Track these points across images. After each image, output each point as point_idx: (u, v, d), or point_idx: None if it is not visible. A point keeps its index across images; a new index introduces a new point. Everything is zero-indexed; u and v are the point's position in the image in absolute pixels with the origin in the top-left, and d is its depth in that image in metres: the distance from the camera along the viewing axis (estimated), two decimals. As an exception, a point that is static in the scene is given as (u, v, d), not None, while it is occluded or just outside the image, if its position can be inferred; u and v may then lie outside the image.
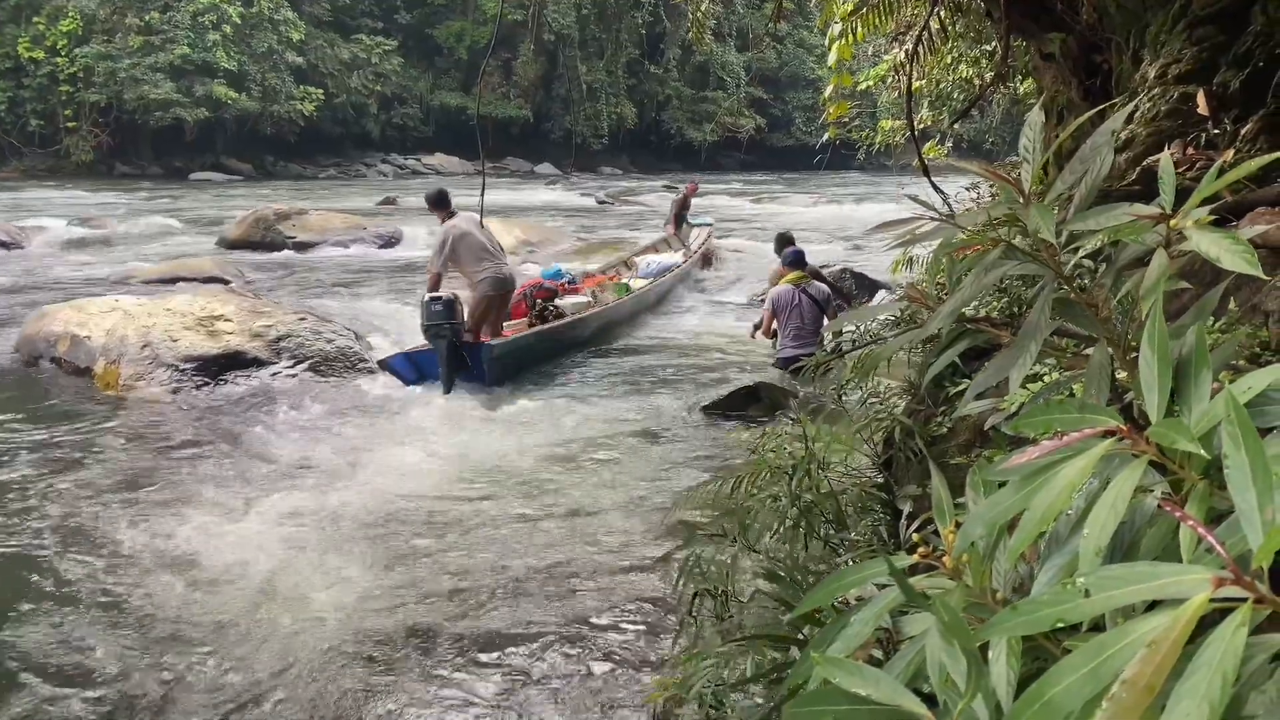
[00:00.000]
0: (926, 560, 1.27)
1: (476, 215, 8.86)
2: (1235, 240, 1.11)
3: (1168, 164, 1.28)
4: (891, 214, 1.66)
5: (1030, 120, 1.56)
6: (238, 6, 41.16)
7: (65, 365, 8.34)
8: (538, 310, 9.76)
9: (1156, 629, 0.73)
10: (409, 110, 49.79)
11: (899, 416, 2.89)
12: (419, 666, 3.82)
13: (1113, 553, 1.08)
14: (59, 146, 40.50)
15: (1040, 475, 1.02)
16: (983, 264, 1.52)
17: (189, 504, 5.49)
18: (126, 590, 4.45)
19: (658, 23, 52.21)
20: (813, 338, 8.17)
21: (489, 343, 8.02)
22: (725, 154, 55.65)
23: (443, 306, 7.79)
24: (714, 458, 6.21)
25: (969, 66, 9.58)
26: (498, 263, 8.51)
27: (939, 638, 1.02)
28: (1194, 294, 1.69)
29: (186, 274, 13.17)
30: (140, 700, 3.60)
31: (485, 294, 8.37)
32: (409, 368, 8.17)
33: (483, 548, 4.95)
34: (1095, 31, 5.12)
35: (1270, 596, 0.72)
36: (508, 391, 8.03)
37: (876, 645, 1.64)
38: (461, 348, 7.95)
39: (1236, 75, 3.76)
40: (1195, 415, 0.99)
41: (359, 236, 18.01)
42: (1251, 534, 0.76)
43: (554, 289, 10.49)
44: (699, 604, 2.64)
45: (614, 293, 10.95)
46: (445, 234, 8.31)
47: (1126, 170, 3.90)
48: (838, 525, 2.74)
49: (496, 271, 8.46)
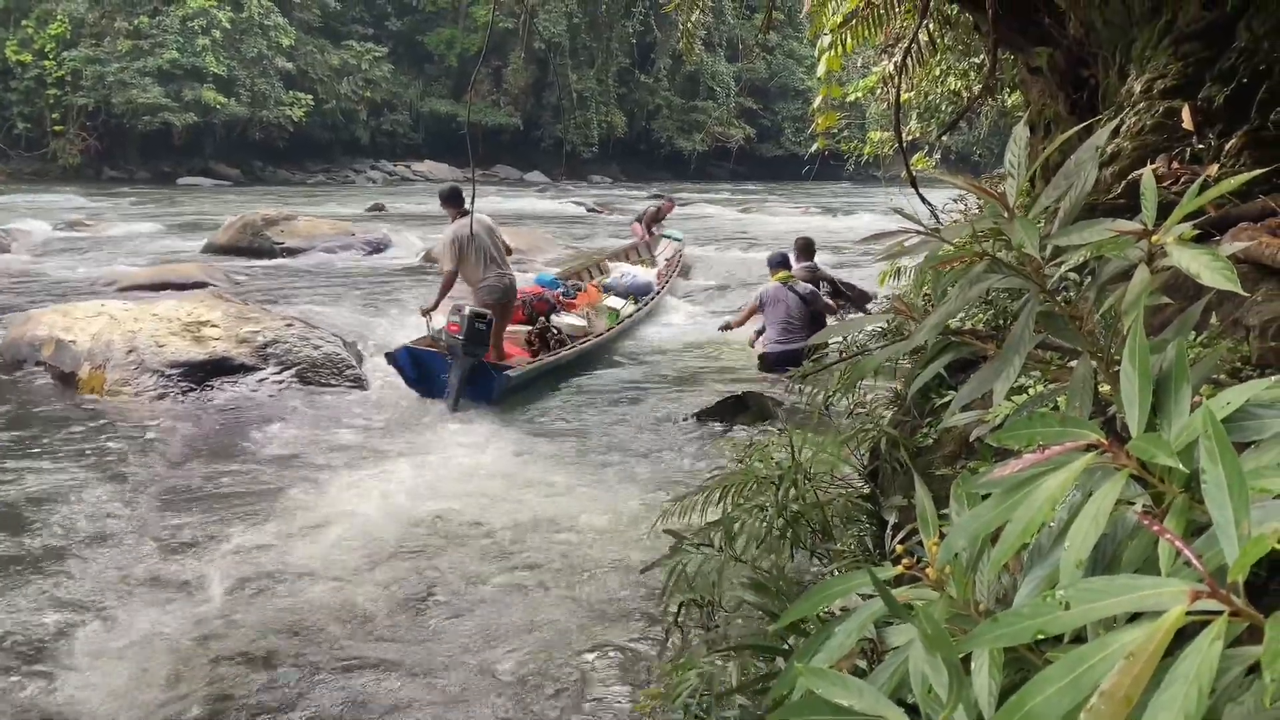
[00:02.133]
0: (910, 571, 1.28)
1: (488, 219, 8.58)
2: (1215, 257, 1.13)
3: (1149, 181, 1.30)
4: (880, 226, 1.67)
5: (1015, 135, 1.58)
6: (228, 11, 41.06)
7: (50, 370, 8.30)
8: (538, 329, 9.57)
9: (1134, 641, 0.74)
10: (399, 117, 49.73)
11: (885, 427, 2.90)
12: (399, 673, 3.80)
13: (1095, 565, 1.09)
14: (46, 150, 40.27)
15: (1022, 488, 1.03)
16: (968, 277, 1.54)
17: (166, 511, 5.46)
18: (96, 598, 4.42)
19: (648, 32, 52.31)
20: (800, 334, 8.35)
21: (506, 373, 7.64)
22: (715, 163, 55.75)
23: (486, 326, 7.35)
24: (702, 466, 6.22)
25: (957, 79, 9.63)
26: (500, 270, 8.33)
27: (921, 649, 1.03)
28: (1177, 308, 1.71)
29: (174, 279, 13.11)
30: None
31: (484, 301, 8.11)
32: (411, 364, 7.76)
33: (466, 555, 4.94)
34: (1082, 46, 5.15)
35: (1246, 609, 0.73)
36: (495, 400, 8.01)
37: (861, 656, 1.64)
38: (478, 367, 7.54)
39: (1221, 91, 3.79)
40: (1175, 430, 1.00)
41: (347, 243, 17.95)
42: (1227, 548, 0.77)
43: (551, 301, 10.47)
44: (685, 614, 2.64)
45: (606, 319, 10.80)
46: (456, 232, 8.03)
47: (1113, 184, 3.93)
48: (824, 535, 2.74)
49: (499, 280, 8.28)
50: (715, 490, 2.96)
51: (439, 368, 7.60)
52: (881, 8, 7.06)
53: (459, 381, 7.37)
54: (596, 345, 9.69)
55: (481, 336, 7.29)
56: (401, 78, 49.79)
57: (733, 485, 2.87)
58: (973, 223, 1.48)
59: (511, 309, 8.80)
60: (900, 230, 1.66)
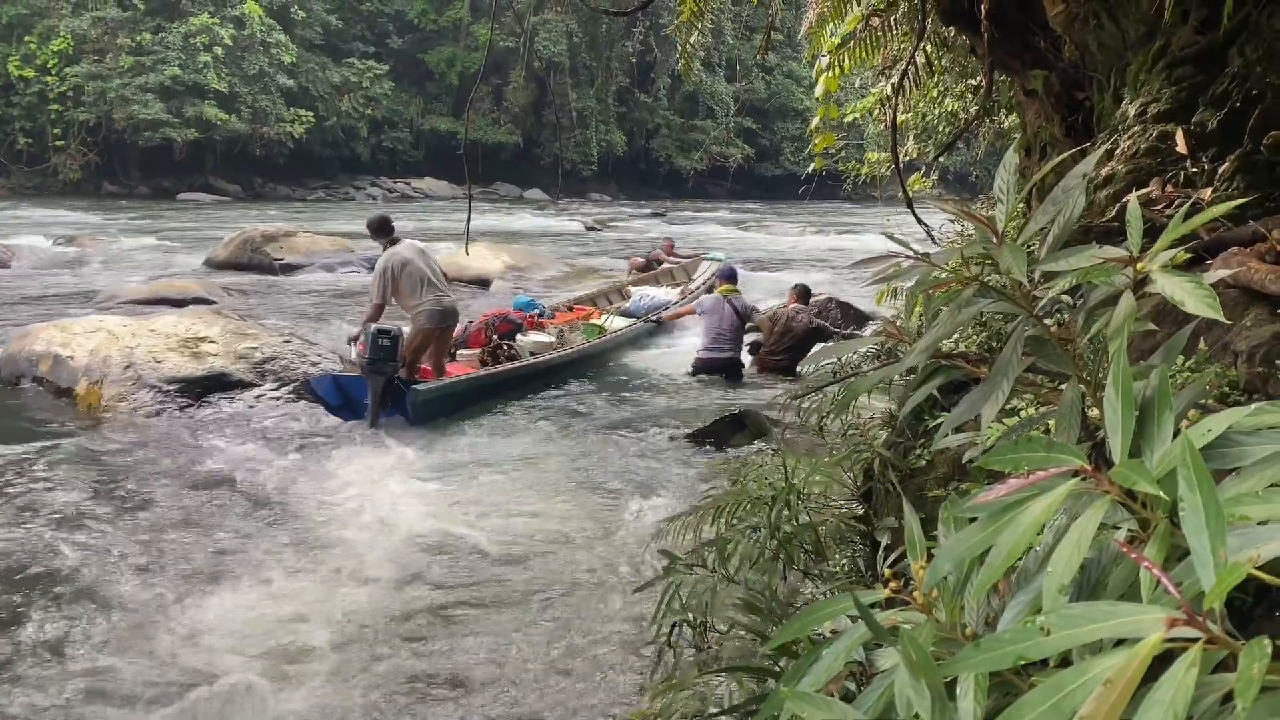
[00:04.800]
0: (898, 595, 1.28)
1: (419, 243, 8.51)
2: (1198, 284, 1.14)
3: (1135, 209, 1.31)
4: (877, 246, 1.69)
5: (1005, 161, 1.60)
6: (230, 29, 41.30)
7: (47, 385, 8.30)
8: (490, 348, 9.39)
9: (1112, 667, 0.75)
10: (399, 134, 49.93)
11: (878, 449, 2.91)
12: (392, 697, 3.80)
13: (1080, 588, 1.10)
14: (47, 165, 40.42)
15: (1007, 513, 1.04)
16: (957, 301, 1.55)
17: (157, 530, 5.45)
18: (84, 615, 4.41)
19: (648, 52, 52.57)
20: (728, 344, 9.10)
21: (415, 387, 7.62)
22: (714, 182, 55.94)
23: (390, 342, 7.45)
24: (697, 486, 6.21)
25: (955, 100, 9.68)
26: (438, 294, 8.10)
27: (906, 674, 1.03)
28: (1166, 334, 1.72)
29: (172, 295, 13.14)
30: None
31: (422, 327, 8.02)
32: (334, 393, 7.73)
33: (460, 576, 4.93)
34: (1077, 69, 5.19)
35: (1222, 637, 0.74)
36: (491, 417, 8.01)
37: (851, 678, 1.65)
38: (395, 384, 7.55)
39: (1214, 115, 3.81)
40: (1157, 456, 1.01)
41: (346, 259, 17.98)
42: (1204, 575, 0.77)
43: (517, 321, 10.17)
44: (678, 634, 2.64)
45: (584, 334, 10.55)
46: (385, 263, 7.96)
47: (1107, 206, 3.95)
48: (817, 556, 2.75)
49: (437, 304, 8.06)
50: (709, 511, 2.97)
51: (361, 392, 7.63)
52: (879, 30, 7.11)
53: (374, 399, 7.52)
54: (549, 360, 9.38)
55: (387, 352, 7.43)
56: (402, 95, 50.02)
57: (726, 506, 2.88)
58: (962, 249, 1.49)
59: (451, 332, 8.62)
60: (891, 254, 1.67)
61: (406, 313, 8.13)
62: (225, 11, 41.67)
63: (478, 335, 9.89)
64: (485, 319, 10.21)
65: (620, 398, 8.90)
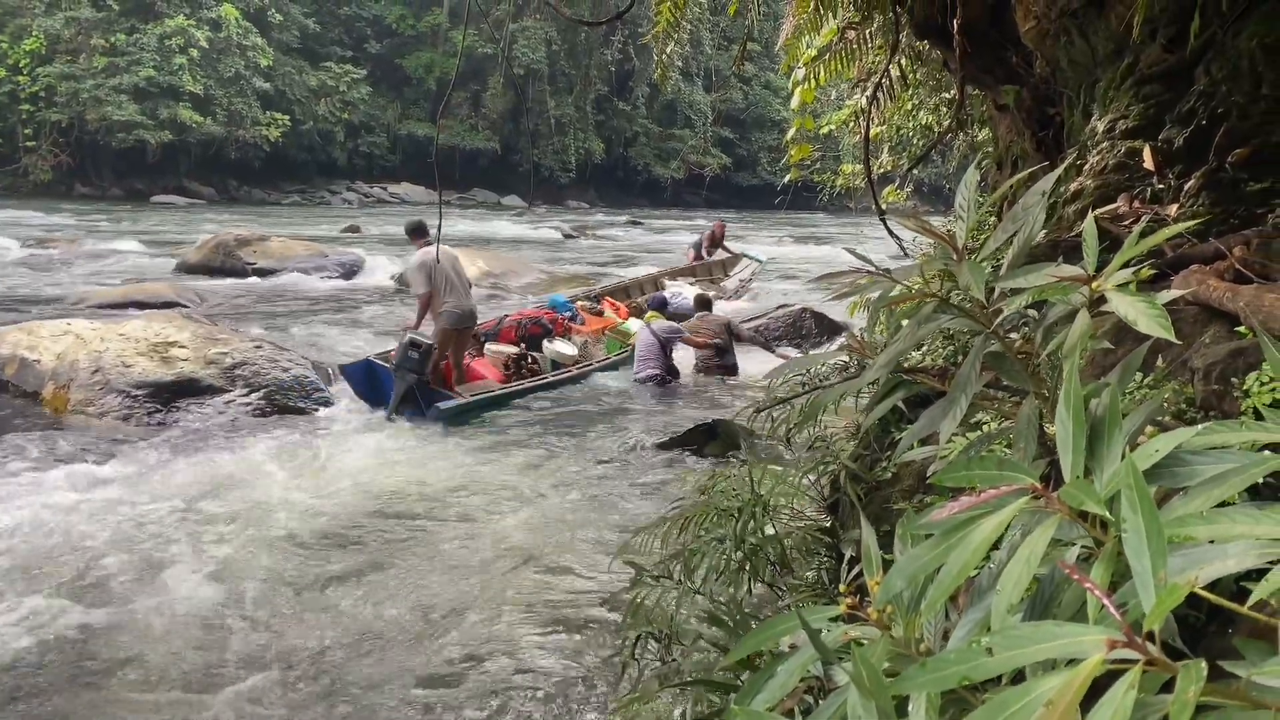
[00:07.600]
0: (854, 611, 1.28)
1: (451, 249, 9.06)
2: (1151, 304, 1.15)
3: (1091, 228, 1.32)
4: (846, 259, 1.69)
5: (966, 179, 1.61)
6: (206, 31, 41.02)
7: (13, 389, 8.19)
8: (515, 356, 9.75)
9: (1053, 688, 0.75)
10: (376, 139, 49.74)
11: (844, 461, 2.91)
12: (358, 705, 3.76)
13: (1033, 605, 1.11)
14: (17, 165, 39.97)
15: (958, 531, 1.04)
16: (918, 317, 1.55)
17: (121, 536, 5.39)
18: (41, 616, 4.36)
19: (627, 60, 52.71)
20: (653, 364, 9.61)
21: (437, 405, 8.02)
22: (691, 191, 56.11)
23: (419, 355, 7.99)
24: (667, 495, 6.20)
25: (929, 114, 9.74)
26: (460, 297, 8.66)
27: (857, 693, 1.03)
28: (1125, 351, 1.73)
29: (143, 298, 13.02)
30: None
31: (444, 328, 8.57)
32: (364, 378, 8.28)
33: (423, 584, 4.89)
34: (1048, 85, 5.24)
35: (1161, 658, 0.74)
36: (461, 426, 7.99)
37: (809, 692, 1.64)
38: (418, 389, 8.05)
39: (1180, 132, 3.85)
40: (1106, 476, 1.01)
41: (321, 264, 17.87)
42: (1145, 597, 0.78)
43: (548, 325, 10.46)
44: (643, 646, 2.63)
45: (606, 348, 10.76)
46: (423, 258, 8.51)
47: (1075, 221, 3.98)
48: (783, 568, 2.75)
49: (457, 306, 8.62)
50: (677, 522, 2.96)
51: (389, 384, 8.12)
52: (854, 43, 7.16)
53: (396, 396, 8.02)
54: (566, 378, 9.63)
55: (412, 363, 7.98)
56: (379, 100, 49.85)
57: (694, 517, 2.87)
58: (922, 265, 1.50)
59: (470, 333, 9.17)
60: (854, 270, 1.68)
61: (431, 311, 8.63)
62: (201, 13, 41.40)
63: (508, 332, 10.25)
64: (518, 318, 10.52)
65: (601, 404, 8.90)
